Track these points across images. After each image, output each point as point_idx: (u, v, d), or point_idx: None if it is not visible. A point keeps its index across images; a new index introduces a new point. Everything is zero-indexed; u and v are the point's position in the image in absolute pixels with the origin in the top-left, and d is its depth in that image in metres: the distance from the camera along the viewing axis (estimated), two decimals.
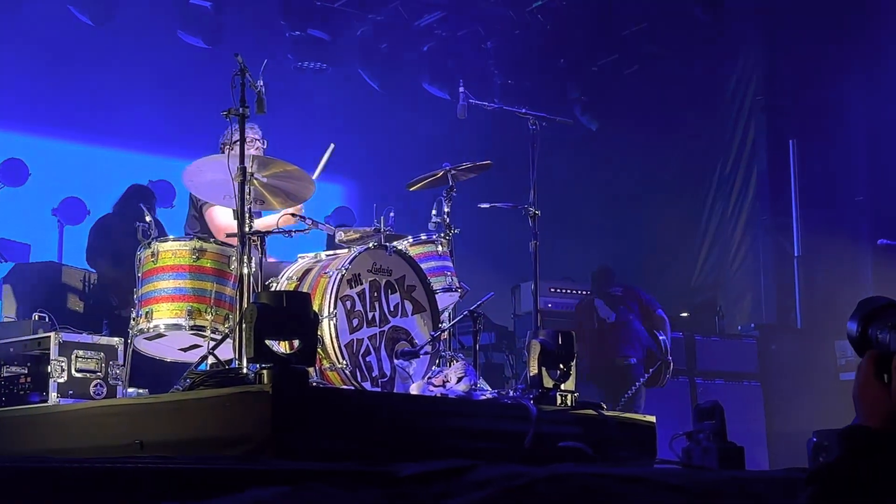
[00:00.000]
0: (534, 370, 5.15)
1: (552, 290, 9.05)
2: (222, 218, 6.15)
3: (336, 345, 5.23)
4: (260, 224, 5.78)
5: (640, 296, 9.00)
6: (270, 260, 5.75)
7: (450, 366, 5.57)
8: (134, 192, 7.96)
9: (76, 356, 5.60)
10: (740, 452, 4.84)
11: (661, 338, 8.73)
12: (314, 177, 5.84)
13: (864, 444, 1.70)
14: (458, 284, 6.20)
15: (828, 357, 9.53)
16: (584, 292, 9.31)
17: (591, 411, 5.07)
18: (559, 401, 5.16)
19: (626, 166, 11.61)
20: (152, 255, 5.40)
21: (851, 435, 1.72)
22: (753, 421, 9.16)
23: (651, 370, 8.58)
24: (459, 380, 5.21)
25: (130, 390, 5.48)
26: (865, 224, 9.93)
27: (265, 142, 6.27)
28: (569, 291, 9.22)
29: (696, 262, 11.76)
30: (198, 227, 6.31)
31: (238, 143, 5.15)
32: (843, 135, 10.40)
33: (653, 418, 5.36)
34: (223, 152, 5.95)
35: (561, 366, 5.21)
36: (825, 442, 5.51)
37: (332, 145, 6.30)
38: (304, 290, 5.39)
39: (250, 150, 5.85)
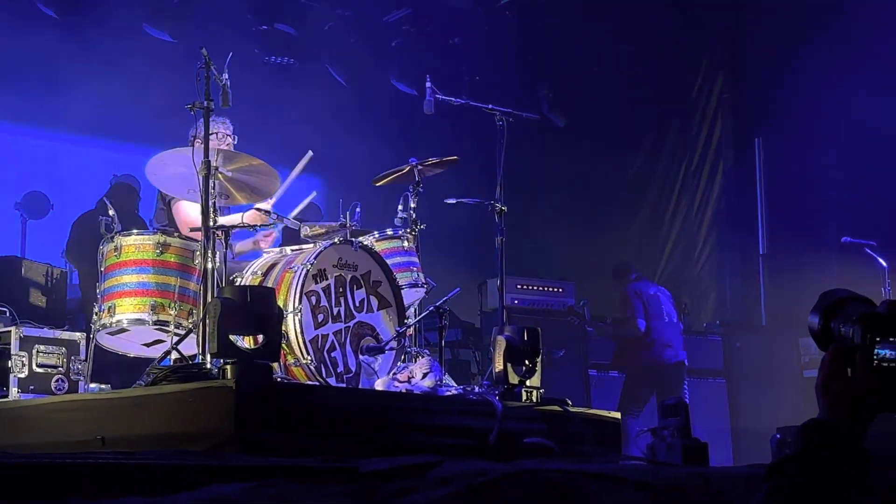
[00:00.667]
0: (499, 366, 5.15)
1: (519, 286, 9.05)
2: (188, 212, 6.11)
3: (301, 340, 5.20)
4: (226, 220, 5.75)
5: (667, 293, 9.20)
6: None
7: (415, 362, 5.56)
8: (114, 188, 7.90)
9: (37, 351, 5.55)
10: (704, 449, 4.86)
11: None
12: (287, 182, 5.83)
13: (823, 438, 1.71)
14: (424, 280, 6.19)
15: (792, 354, 9.60)
16: (551, 288, 9.32)
17: (556, 407, 5.07)
18: (524, 397, 5.15)
19: (592, 163, 11.64)
20: (115, 249, 5.35)
21: (811, 429, 1.73)
22: (718, 417, 9.22)
23: None
24: (425, 376, 5.20)
25: (92, 385, 5.43)
26: (831, 222, 10.00)
27: (235, 137, 6.24)
28: (535, 288, 9.23)
29: (661, 259, 11.81)
30: (165, 220, 6.26)
31: (207, 137, 5.12)
32: (809, 133, 10.46)
33: (618, 414, 5.38)
34: (193, 146, 5.92)
35: (526, 362, 5.20)
36: (789, 438, 5.55)
37: (309, 153, 6.26)
38: (269, 285, 5.37)
39: (221, 145, 5.83)
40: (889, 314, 1.79)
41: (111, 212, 5.67)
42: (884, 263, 8.42)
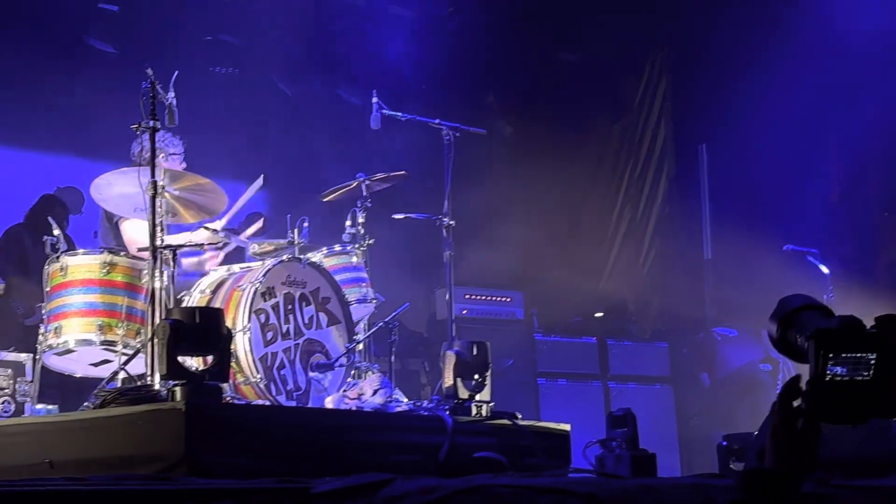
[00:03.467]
0: (449, 381, 5.17)
1: (467, 296, 9.09)
2: (134, 233, 6.08)
3: (250, 359, 5.20)
4: (174, 238, 5.72)
5: None
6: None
7: (365, 378, 5.57)
8: (45, 203, 7.82)
9: None
10: (652, 459, 4.91)
11: None
12: (238, 206, 5.82)
13: (763, 488, 1.75)
14: (372, 295, 6.20)
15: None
16: (499, 298, 9.37)
17: (505, 421, 5.10)
18: (474, 411, 5.18)
19: (538, 172, 11.70)
20: (61, 269, 5.31)
21: (752, 477, 1.77)
22: (666, 425, 9.29)
23: None
24: (375, 392, 5.21)
25: (39, 407, 5.37)
26: (774, 228, 10.14)
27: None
28: (484, 298, 9.27)
29: (606, 266, 11.88)
30: (112, 240, 6.22)
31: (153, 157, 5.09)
32: (752, 139, 10.59)
33: (567, 426, 5.41)
34: (140, 165, 5.89)
35: (476, 376, 5.23)
36: (735, 445, 5.63)
37: (260, 179, 6.24)
38: (217, 303, 5.36)
39: (174, 165, 5.82)
40: (841, 330, 1.82)
41: (56, 231, 5.61)
42: (825, 271, 8.56)
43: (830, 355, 1.79)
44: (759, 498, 1.74)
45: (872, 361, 1.79)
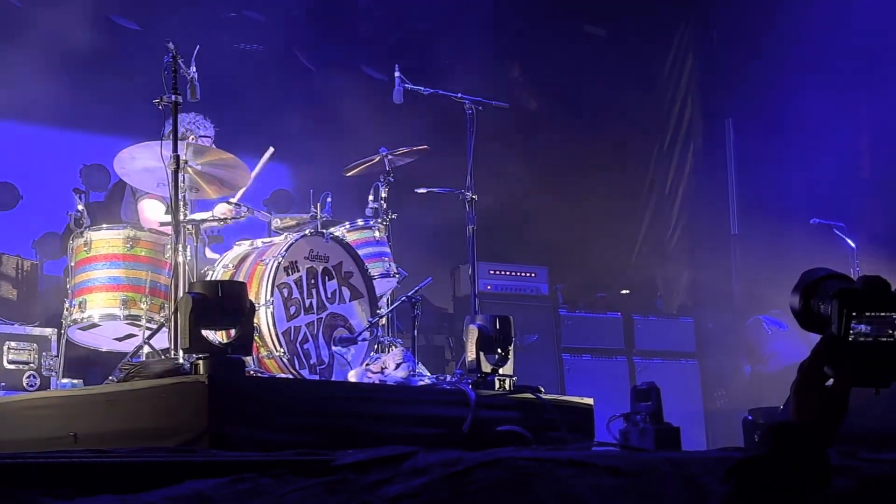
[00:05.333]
0: (472, 355, 5.16)
1: (491, 272, 9.07)
2: (150, 212, 6.10)
3: (273, 333, 5.21)
4: (196, 214, 5.73)
5: None
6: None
7: (388, 352, 5.57)
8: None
9: (8, 347, 5.54)
10: (676, 433, 4.91)
11: None
12: (250, 178, 5.81)
13: (790, 442, 1.72)
14: (395, 270, 6.19)
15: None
16: (523, 273, 9.34)
17: (528, 395, 5.10)
18: (497, 385, 5.17)
19: (563, 146, 11.64)
20: (85, 244, 5.34)
21: (779, 431, 1.74)
22: (691, 400, 9.27)
23: None
24: (398, 366, 5.21)
25: (64, 381, 5.41)
26: (801, 203, 10.06)
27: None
28: (508, 273, 9.25)
29: (636, 242, 11.84)
30: (133, 215, 6.24)
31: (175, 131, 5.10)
32: (779, 114, 10.51)
33: (591, 401, 5.40)
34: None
35: (499, 350, 5.22)
36: (760, 419, 5.61)
37: (271, 149, 6.24)
38: (241, 278, 5.36)
39: None
40: (865, 289, 1.80)
41: (80, 206, 5.63)
42: (852, 244, 8.49)
43: (854, 314, 1.76)
44: (785, 454, 1.71)
45: None
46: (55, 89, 9.31)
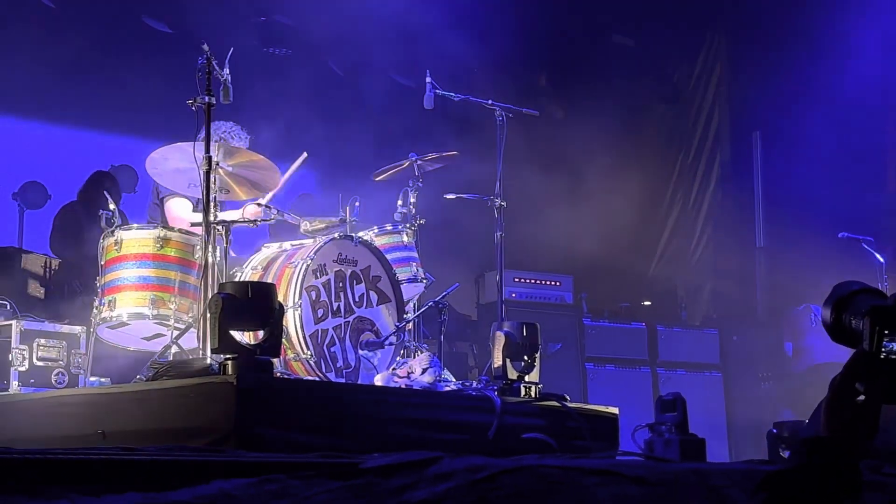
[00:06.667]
0: (498, 361, 5.17)
1: (516, 279, 9.07)
2: (179, 210, 6.13)
3: (301, 335, 5.23)
4: (226, 215, 5.76)
5: None
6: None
7: (414, 357, 5.58)
8: (97, 179, 7.90)
9: (38, 344, 5.57)
10: (701, 444, 4.89)
11: None
12: (282, 181, 5.84)
13: (822, 456, 1.72)
14: (423, 275, 6.21)
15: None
16: (548, 282, 9.34)
17: (554, 403, 5.09)
18: (523, 392, 5.17)
19: (590, 155, 11.63)
20: (115, 243, 5.37)
21: (812, 445, 1.74)
22: (715, 412, 9.23)
23: None
24: (424, 371, 5.22)
25: (93, 379, 5.44)
26: (828, 217, 10.01)
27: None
28: (533, 281, 9.25)
29: (656, 252, 11.81)
30: (158, 216, 6.28)
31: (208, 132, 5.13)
32: (807, 127, 10.47)
33: (615, 410, 5.39)
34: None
35: (525, 357, 5.22)
36: (785, 433, 5.58)
37: (304, 154, 6.27)
38: (269, 280, 5.38)
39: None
40: None
41: (111, 206, 5.67)
42: (881, 259, 8.44)
43: (886, 332, 1.76)
44: (818, 468, 1.71)
45: None
46: (85, 91, 9.39)
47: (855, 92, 9.98)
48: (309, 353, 5.24)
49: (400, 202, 6.44)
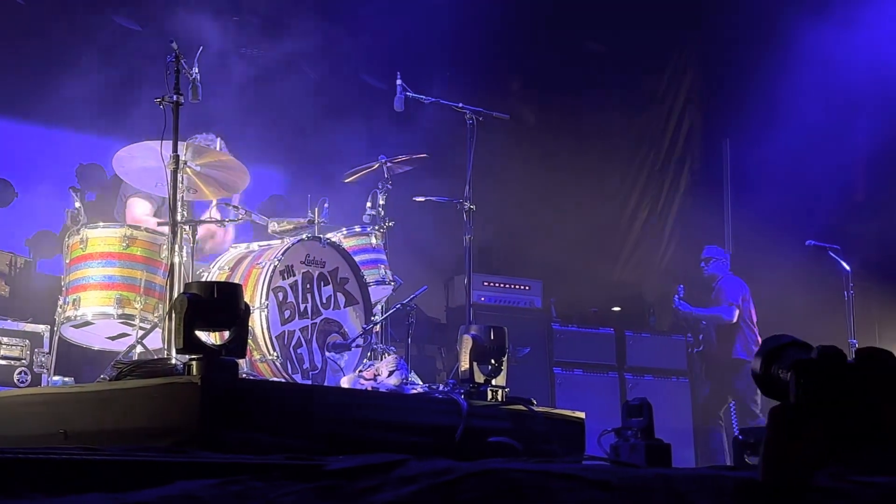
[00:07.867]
0: (465, 365, 5.15)
1: (485, 283, 9.07)
2: (136, 210, 6.10)
3: (267, 336, 5.20)
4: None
5: None
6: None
7: (381, 359, 5.56)
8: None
9: (0, 343, 5.51)
10: (667, 449, 4.89)
11: None
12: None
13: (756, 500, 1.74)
14: (391, 277, 6.19)
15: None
16: (517, 286, 9.34)
17: (521, 407, 5.08)
18: (490, 396, 5.17)
19: (560, 160, 11.66)
20: (81, 241, 5.32)
21: (747, 490, 1.76)
22: (681, 418, 9.27)
23: None
24: (391, 373, 5.20)
25: (56, 379, 5.39)
26: (796, 224, 10.07)
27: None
28: (502, 285, 9.25)
29: (624, 257, 11.84)
30: (123, 216, 6.24)
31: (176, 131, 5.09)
32: (777, 135, 10.53)
33: (582, 414, 5.39)
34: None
35: (492, 361, 5.21)
36: (751, 439, 5.60)
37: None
38: (236, 280, 5.35)
39: None
40: (820, 360, 1.82)
41: (77, 203, 5.63)
42: (847, 267, 8.50)
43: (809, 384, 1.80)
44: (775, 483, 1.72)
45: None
46: (54, 87, 9.31)
47: (824, 101, 10.05)
48: (275, 354, 5.21)
49: (369, 204, 6.42)
